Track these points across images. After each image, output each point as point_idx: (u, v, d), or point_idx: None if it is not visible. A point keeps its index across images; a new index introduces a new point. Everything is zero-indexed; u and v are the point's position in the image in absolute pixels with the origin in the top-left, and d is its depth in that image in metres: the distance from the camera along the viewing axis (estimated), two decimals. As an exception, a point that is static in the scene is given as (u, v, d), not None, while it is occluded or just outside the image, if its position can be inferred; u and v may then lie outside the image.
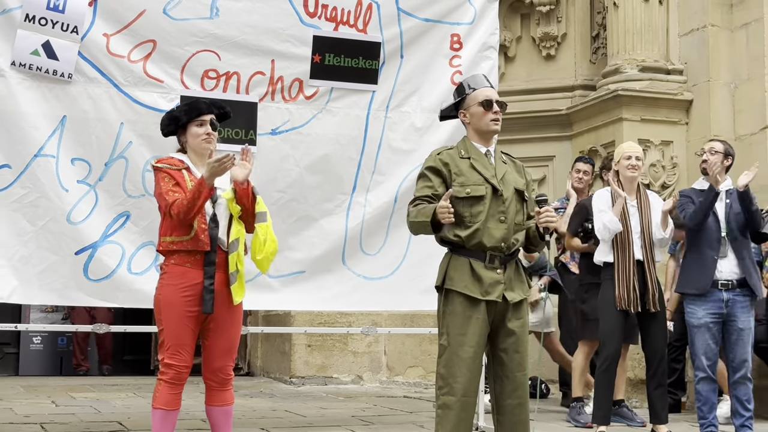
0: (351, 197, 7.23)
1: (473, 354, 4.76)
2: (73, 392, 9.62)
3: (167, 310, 5.22)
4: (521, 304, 4.88)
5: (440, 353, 4.82)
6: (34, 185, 6.49)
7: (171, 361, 5.19)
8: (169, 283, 5.23)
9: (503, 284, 4.79)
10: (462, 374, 4.74)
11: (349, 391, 10.05)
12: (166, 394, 5.24)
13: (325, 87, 7.19)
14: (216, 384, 5.43)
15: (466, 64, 7.47)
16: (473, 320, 4.75)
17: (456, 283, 4.79)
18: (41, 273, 6.50)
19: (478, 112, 4.93)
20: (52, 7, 6.56)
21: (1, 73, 6.47)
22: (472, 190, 4.80)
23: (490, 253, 4.78)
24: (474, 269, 4.77)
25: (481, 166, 4.88)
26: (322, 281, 7.18)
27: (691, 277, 7.27)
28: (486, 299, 4.75)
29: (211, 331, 5.30)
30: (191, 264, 5.21)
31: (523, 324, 4.90)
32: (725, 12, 9.92)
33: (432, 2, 7.49)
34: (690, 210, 7.12)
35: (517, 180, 4.94)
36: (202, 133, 5.29)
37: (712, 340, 7.18)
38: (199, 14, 6.88)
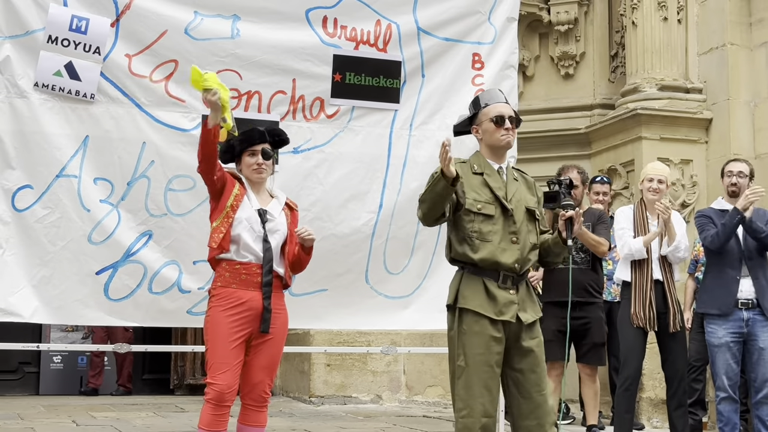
0: (377, 215, 7.17)
1: (493, 374, 4.70)
2: (94, 412, 9.57)
3: None
4: (534, 324, 4.82)
5: (458, 374, 4.73)
6: (56, 206, 6.46)
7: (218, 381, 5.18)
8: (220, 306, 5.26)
9: (517, 304, 4.73)
10: (482, 395, 4.67)
11: (369, 411, 9.98)
12: (212, 413, 5.22)
13: (346, 106, 7.15)
14: (253, 404, 5.41)
15: (489, 83, 7.41)
16: (491, 339, 4.68)
17: (470, 302, 4.73)
18: (62, 293, 6.47)
19: (490, 128, 4.88)
20: (74, 28, 6.57)
21: (23, 95, 6.46)
22: (482, 207, 4.76)
23: (504, 273, 4.73)
24: (488, 288, 4.72)
25: (493, 183, 4.83)
26: (344, 299, 7.13)
27: (713, 296, 7.27)
28: (501, 319, 4.69)
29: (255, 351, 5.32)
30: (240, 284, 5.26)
31: (539, 343, 4.84)
32: (744, 31, 9.90)
33: (452, 22, 7.45)
34: (711, 232, 7.09)
35: (528, 198, 4.90)
36: (253, 163, 5.33)
37: (733, 360, 7.17)
38: (221, 34, 6.88)
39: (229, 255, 5.27)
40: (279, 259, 5.38)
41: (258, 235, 5.30)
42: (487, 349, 4.66)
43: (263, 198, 5.45)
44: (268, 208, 5.39)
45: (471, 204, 4.75)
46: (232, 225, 5.23)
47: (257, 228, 5.29)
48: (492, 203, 4.77)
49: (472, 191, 4.78)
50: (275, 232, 5.36)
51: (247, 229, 5.28)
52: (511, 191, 4.83)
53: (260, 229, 5.30)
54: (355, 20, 7.17)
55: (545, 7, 10.98)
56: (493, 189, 4.79)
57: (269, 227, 5.33)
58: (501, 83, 7.38)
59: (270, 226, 5.33)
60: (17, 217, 6.38)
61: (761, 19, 9.80)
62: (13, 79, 6.44)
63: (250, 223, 5.28)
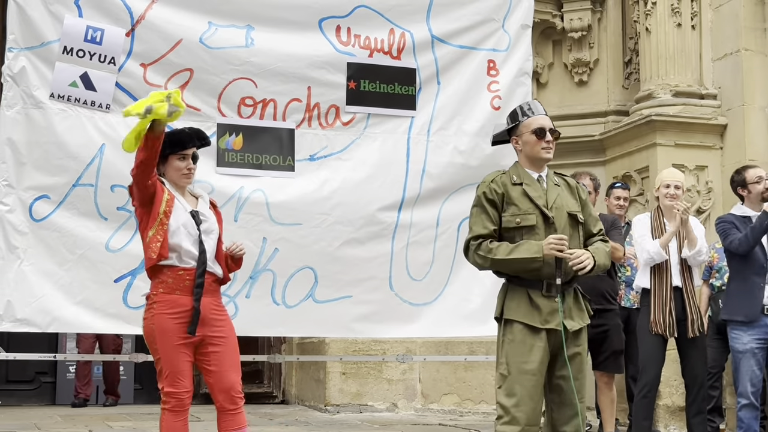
0: (397, 220, 7.17)
1: (536, 382, 4.67)
2: (110, 421, 9.55)
3: None
4: (581, 332, 4.80)
5: (500, 383, 4.72)
6: (73, 215, 6.50)
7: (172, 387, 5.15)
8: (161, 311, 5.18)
9: (562, 312, 4.68)
10: (525, 403, 4.64)
11: (384, 419, 9.92)
12: (171, 421, 5.19)
13: (362, 113, 7.19)
14: (229, 407, 5.32)
15: (504, 89, 7.46)
16: (535, 348, 4.66)
17: (514, 313, 4.72)
18: (80, 302, 6.50)
19: (531, 140, 4.87)
20: (89, 39, 6.61)
21: (39, 105, 6.50)
22: (522, 220, 4.75)
23: (547, 282, 4.68)
24: (532, 298, 4.70)
25: (533, 192, 4.80)
26: (370, 306, 7.13)
27: (738, 303, 7.22)
28: (546, 328, 4.66)
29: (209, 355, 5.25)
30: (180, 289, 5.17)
31: (582, 351, 4.82)
32: (759, 36, 9.87)
33: (466, 30, 7.48)
34: (738, 236, 7.05)
35: (570, 203, 4.86)
36: (184, 167, 5.28)
37: (757, 366, 7.15)
38: (235, 43, 6.92)
39: (171, 261, 5.17)
40: (214, 259, 5.31)
41: (195, 238, 5.21)
42: (531, 357, 4.66)
43: (188, 199, 5.34)
44: (198, 209, 5.30)
45: (508, 221, 4.76)
46: (168, 232, 5.13)
47: (193, 231, 5.20)
48: (532, 212, 4.75)
49: (511, 205, 4.78)
50: (210, 233, 5.29)
51: (185, 234, 5.18)
52: (552, 198, 4.81)
53: (196, 232, 5.21)
54: (368, 29, 7.21)
55: (558, 14, 10.94)
56: (533, 198, 4.77)
57: (204, 228, 5.24)
58: (516, 90, 7.47)
59: (204, 227, 5.25)
60: (35, 227, 6.40)
61: (776, 25, 9.77)
62: (29, 90, 6.47)
63: (186, 228, 5.19)
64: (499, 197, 4.80)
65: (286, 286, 6.82)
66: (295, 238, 6.81)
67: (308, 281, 6.86)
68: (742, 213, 7.24)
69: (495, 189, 4.81)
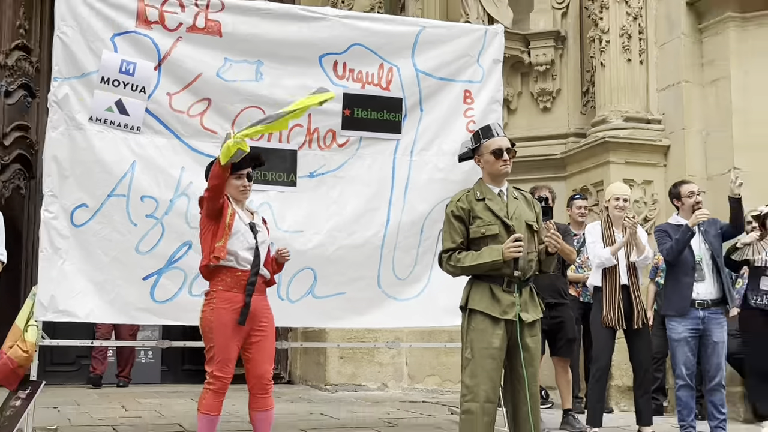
0: (386, 229, 7.22)
1: (495, 365, 4.71)
2: (140, 398, 9.60)
3: None
4: (535, 324, 4.82)
5: (465, 365, 4.75)
6: (108, 221, 6.53)
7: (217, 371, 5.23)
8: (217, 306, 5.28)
9: (519, 306, 4.72)
10: (485, 383, 4.67)
11: (376, 397, 9.98)
12: (211, 400, 5.26)
13: (354, 137, 7.22)
14: (260, 392, 5.43)
15: (478, 115, 7.49)
16: (495, 336, 4.69)
17: (477, 304, 4.74)
18: (114, 297, 6.53)
19: (490, 160, 4.91)
20: (123, 70, 6.66)
21: (80, 127, 6.53)
22: (486, 230, 4.78)
23: (507, 279, 4.72)
24: (493, 292, 4.73)
25: (495, 206, 4.85)
26: (360, 302, 7.16)
27: (672, 300, 7.27)
28: (504, 318, 4.69)
29: (252, 345, 5.34)
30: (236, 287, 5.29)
31: (537, 341, 4.84)
32: (696, 70, 9.90)
33: (446, 64, 7.52)
34: (667, 245, 7.13)
35: (527, 214, 4.89)
36: (240, 185, 5.40)
37: (690, 353, 7.15)
38: (246, 77, 6.96)
39: (230, 264, 5.29)
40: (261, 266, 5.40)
41: (249, 247, 5.34)
42: (491, 344, 4.68)
43: (246, 213, 5.50)
44: (255, 222, 5.47)
45: (475, 231, 4.81)
46: (229, 239, 5.27)
47: (251, 240, 5.34)
48: (495, 223, 4.78)
49: (476, 218, 4.82)
50: (263, 242, 5.43)
51: (243, 242, 5.33)
52: (512, 210, 4.84)
53: (251, 243, 5.35)
54: (361, 64, 7.23)
55: (526, 50, 10.94)
56: (495, 211, 4.81)
57: (259, 237, 5.39)
58: (489, 116, 7.45)
59: (259, 237, 5.40)
60: (75, 232, 6.44)
61: (711, 61, 9.80)
62: (71, 114, 6.50)
63: (245, 237, 5.34)
64: (466, 213, 4.84)
65: (289, 284, 6.82)
66: (297, 244, 6.77)
67: (308, 280, 6.88)
68: (677, 222, 7.28)
69: (461, 206, 4.87)
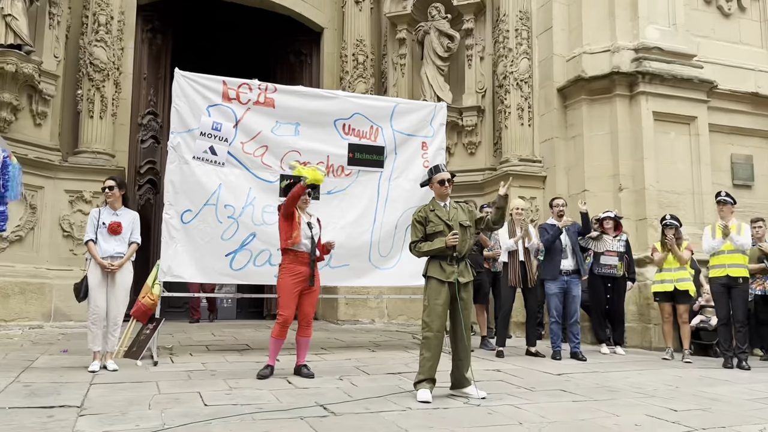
0: (372, 226, 7.20)
1: (442, 310, 4.69)
2: (223, 329, 9.58)
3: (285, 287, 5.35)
4: (468, 284, 4.78)
5: (424, 309, 4.73)
6: (204, 220, 6.51)
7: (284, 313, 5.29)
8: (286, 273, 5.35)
9: (457, 273, 4.72)
10: (435, 320, 4.67)
11: (368, 328, 9.98)
12: (279, 329, 5.29)
13: (355, 170, 7.19)
14: (305, 325, 5.47)
15: (431, 157, 7.47)
16: (442, 292, 4.69)
17: (432, 272, 4.75)
18: (207, 266, 6.51)
19: (437, 187, 4.93)
20: (214, 128, 6.66)
21: (187, 162, 6.54)
22: (435, 229, 4.81)
23: (449, 257, 4.72)
24: (441, 265, 4.73)
25: (442, 213, 4.86)
26: (357, 270, 7.13)
27: (547, 270, 7.33)
28: (448, 281, 4.69)
29: (304, 298, 5.38)
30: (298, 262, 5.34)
31: (469, 295, 4.79)
32: (563, 131, 9.95)
33: (411, 126, 7.50)
34: (546, 237, 7.22)
35: (461, 217, 4.88)
36: (304, 199, 5.51)
37: (559, 302, 7.24)
38: (289, 133, 6.93)
39: (297, 248, 5.34)
40: (314, 248, 5.44)
41: (308, 237, 5.38)
42: (441, 296, 4.66)
43: (306, 217, 5.52)
44: (311, 222, 5.49)
45: (429, 230, 4.82)
46: (297, 233, 5.31)
47: (308, 234, 5.38)
48: (441, 224, 4.79)
49: (430, 222, 4.82)
50: (316, 235, 5.47)
51: (305, 234, 5.37)
52: (452, 215, 4.83)
53: (309, 234, 5.39)
54: (359, 125, 7.22)
55: (460, 117, 10.96)
56: (441, 217, 4.82)
57: (313, 232, 5.43)
58: (437, 158, 7.46)
59: (314, 232, 5.44)
60: (184, 227, 6.43)
61: (571, 124, 9.82)
62: (182, 154, 6.51)
63: (305, 231, 5.37)
64: (424, 219, 4.86)
65: None
66: None
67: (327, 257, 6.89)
68: (552, 223, 7.35)
69: (421, 215, 4.88)
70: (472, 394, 4.64)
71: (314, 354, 6.69)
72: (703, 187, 9.32)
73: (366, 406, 4.20)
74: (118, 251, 5.66)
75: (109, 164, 9.42)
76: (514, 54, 10.23)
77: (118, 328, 5.67)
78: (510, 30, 10.33)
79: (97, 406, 4.09)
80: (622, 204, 9.05)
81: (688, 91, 9.40)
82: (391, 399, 4.48)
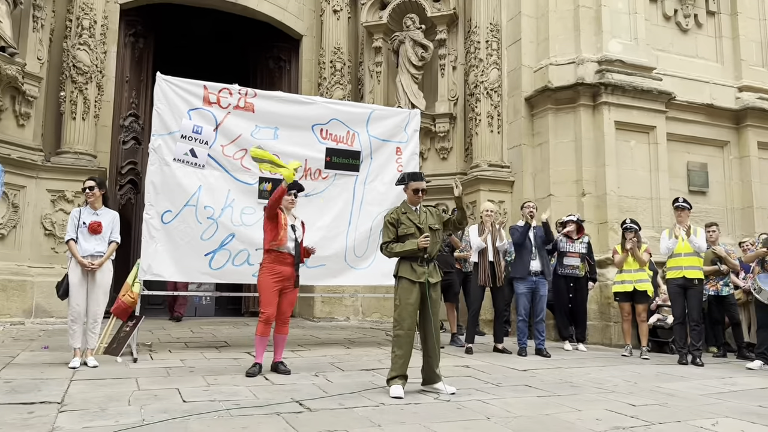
0: (348, 228, 7.17)
1: (413, 309, 4.69)
2: (201, 326, 9.47)
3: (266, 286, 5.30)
4: (437, 284, 4.79)
5: (395, 308, 4.72)
6: (184, 221, 6.42)
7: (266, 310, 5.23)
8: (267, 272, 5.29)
9: (427, 273, 4.72)
10: (406, 319, 4.67)
11: (343, 326, 9.94)
12: (263, 327, 5.25)
13: (332, 173, 7.15)
14: (282, 321, 5.41)
15: (404, 161, 7.48)
16: (413, 291, 4.68)
17: (403, 273, 4.73)
18: (186, 266, 6.42)
19: (411, 195, 4.90)
20: (194, 131, 6.57)
21: (168, 164, 6.44)
22: (407, 231, 4.79)
23: (420, 258, 4.72)
24: (412, 266, 4.72)
25: (413, 216, 4.86)
26: (333, 269, 7.09)
27: (517, 269, 7.34)
28: (419, 281, 4.69)
29: (283, 296, 5.33)
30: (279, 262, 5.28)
31: (438, 294, 4.81)
32: (530, 137, 10.00)
33: (386, 131, 7.49)
34: (516, 235, 7.22)
35: (431, 221, 4.89)
36: (290, 200, 5.46)
37: (527, 300, 7.26)
38: (268, 137, 6.86)
39: (279, 248, 5.29)
40: (298, 250, 5.37)
41: (292, 239, 5.33)
42: (412, 296, 4.65)
43: (291, 218, 5.46)
44: (295, 224, 5.43)
45: (401, 232, 4.80)
46: (281, 234, 5.26)
47: (292, 236, 5.33)
48: (412, 227, 4.78)
49: (402, 224, 4.81)
50: (299, 237, 5.40)
51: (289, 236, 5.32)
52: (422, 219, 4.84)
53: (293, 236, 5.34)
54: (336, 130, 7.18)
55: (433, 123, 10.98)
56: (412, 220, 4.82)
57: (296, 234, 5.37)
58: (410, 162, 7.47)
59: (297, 234, 5.38)
60: (164, 227, 6.33)
61: (538, 132, 9.89)
62: (163, 156, 6.41)
63: (288, 233, 5.32)
64: (396, 221, 4.84)
65: None
66: None
67: None
68: (521, 224, 7.39)
69: (394, 217, 4.86)
70: (442, 390, 4.64)
71: (291, 351, 6.64)
72: (661, 193, 9.47)
73: (340, 402, 4.19)
74: (99, 250, 5.57)
75: (91, 165, 9.26)
76: (484, 64, 10.29)
77: (98, 325, 5.58)
78: (481, 41, 10.38)
79: (78, 402, 4.02)
80: (584, 208, 9.16)
81: (647, 102, 9.56)
82: (365, 395, 4.47)
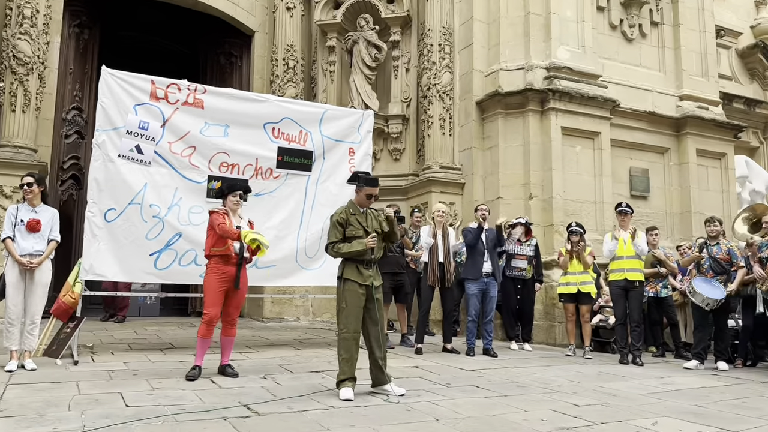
0: (299, 228, 7.10)
1: (358, 312, 4.67)
2: (146, 326, 9.22)
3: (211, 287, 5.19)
4: (380, 286, 4.79)
5: (340, 312, 4.70)
6: (129, 219, 6.25)
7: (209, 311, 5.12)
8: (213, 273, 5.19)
9: (372, 276, 4.73)
10: (352, 322, 4.65)
11: (293, 326, 9.85)
12: (205, 329, 5.13)
13: (284, 173, 7.07)
14: (228, 323, 5.32)
15: (357, 162, 7.45)
16: (359, 294, 4.67)
17: (350, 275, 4.71)
18: (131, 265, 6.25)
19: (363, 198, 4.87)
20: (141, 127, 6.39)
21: (112, 160, 6.26)
22: (355, 233, 4.77)
23: (366, 261, 4.72)
24: (359, 269, 4.71)
25: (361, 219, 4.84)
26: (284, 270, 7.02)
27: (469, 270, 7.40)
28: (365, 284, 4.68)
29: (230, 297, 5.24)
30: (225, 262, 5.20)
31: (381, 296, 4.79)
32: (481, 141, 10.09)
33: (339, 131, 7.45)
34: (469, 237, 7.28)
35: (376, 224, 4.89)
36: (235, 201, 5.37)
37: (478, 302, 7.32)
38: (218, 134, 6.74)
39: (221, 249, 5.19)
40: (244, 251, 5.28)
41: None
42: (357, 298, 4.64)
43: (237, 219, 5.37)
44: (241, 225, 5.32)
45: (349, 233, 4.77)
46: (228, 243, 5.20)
47: None
48: (359, 228, 4.77)
49: (349, 225, 4.78)
50: None
51: None
52: (369, 222, 4.83)
53: None
54: (288, 129, 7.10)
55: (386, 125, 10.99)
56: (360, 221, 4.80)
57: None
58: (363, 163, 7.46)
59: None
60: (107, 225, 6.15)
61: (488, 136, 9.99)
62: (107, 152, 6.24)
63: None
64: (344, 221, 4.80)
65: None
66: None
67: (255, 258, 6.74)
68: (473, 225, 7.43)
69: (342, 217, 4.82)
70: (391, 391, 4.65)
71: (239, 353, 6.54)
72: (605, 197, 9.74)
73: (289, 406, 4.14)
74: (37, 249, 5.37)
75: (31, 159, 8.90)
76: (437, 67, 10.36)
77: (36, 326, 5.37)
78: (434, 44, 10.45)
79: (14, 407, 3.84)
80: (531, 211, 9.34)
81: (593, 108, 9.81)
82: (315, 398, 4.43)
